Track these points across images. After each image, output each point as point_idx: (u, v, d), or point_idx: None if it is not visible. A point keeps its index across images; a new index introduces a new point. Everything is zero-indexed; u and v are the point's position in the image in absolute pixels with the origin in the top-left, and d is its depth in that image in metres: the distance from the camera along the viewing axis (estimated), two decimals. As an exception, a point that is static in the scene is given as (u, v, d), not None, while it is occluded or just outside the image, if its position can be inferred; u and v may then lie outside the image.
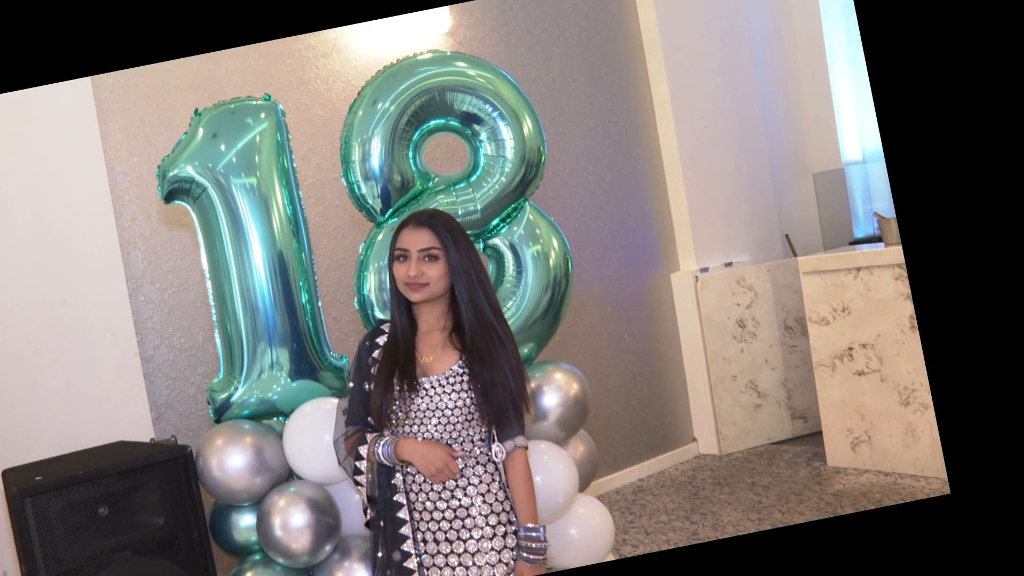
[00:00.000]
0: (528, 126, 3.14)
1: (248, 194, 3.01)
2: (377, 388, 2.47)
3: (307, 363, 3.14)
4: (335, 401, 3.07)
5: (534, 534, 2.45)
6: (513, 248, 3.23)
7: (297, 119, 4.57)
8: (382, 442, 2.47)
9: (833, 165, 7.08)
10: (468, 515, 2.46)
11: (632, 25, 6.16)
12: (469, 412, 2.46)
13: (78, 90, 3.83)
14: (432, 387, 2.46)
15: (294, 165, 3.13)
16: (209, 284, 3.12)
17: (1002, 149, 1.90)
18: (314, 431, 3.00)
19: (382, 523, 2.52)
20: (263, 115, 3.06)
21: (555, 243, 3.24)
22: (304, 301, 3.12)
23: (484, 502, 2.46)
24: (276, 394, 3.11)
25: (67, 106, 3.79)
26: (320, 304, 3.21)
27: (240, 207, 3.01)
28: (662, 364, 6.13)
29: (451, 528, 2.46)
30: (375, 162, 3.06)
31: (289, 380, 3.11)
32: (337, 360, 3.25)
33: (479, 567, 2.43)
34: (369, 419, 2.54)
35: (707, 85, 6.29)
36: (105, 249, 3.84)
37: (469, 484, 2.46)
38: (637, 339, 6.01)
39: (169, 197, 3.08)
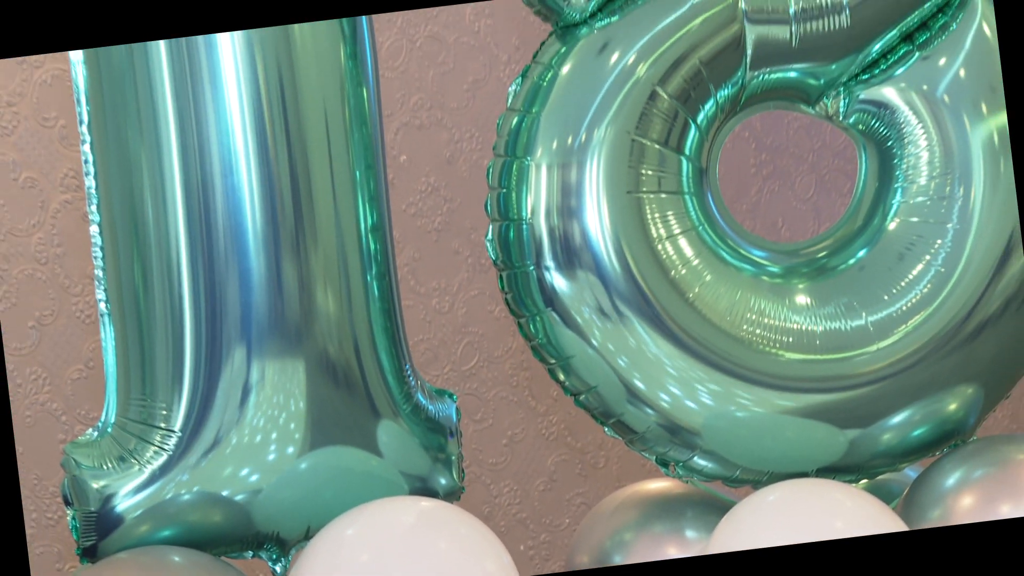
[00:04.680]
0: None
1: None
2: None
3: (359, 402, 1.40)
4: (426, 506, 1.40)
5: None
6: (933, 112, 1.44)
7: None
8: None
9: None
10: None
11: None
12: None
13: None
14: None
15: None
16: (96, 213, 1.53)
17: None
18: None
19: None
20: None
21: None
22: (368, 234, 1.41)
23: None
24: (261, 485, 1.42)
25: None
26: (393, 255, 1.49)
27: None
28: None
29: None
30: None
31: (302, 448, 1.40)
32: (431, 400, 1.48)
33: None
34: None
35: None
36: None
37: None
38: None
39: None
